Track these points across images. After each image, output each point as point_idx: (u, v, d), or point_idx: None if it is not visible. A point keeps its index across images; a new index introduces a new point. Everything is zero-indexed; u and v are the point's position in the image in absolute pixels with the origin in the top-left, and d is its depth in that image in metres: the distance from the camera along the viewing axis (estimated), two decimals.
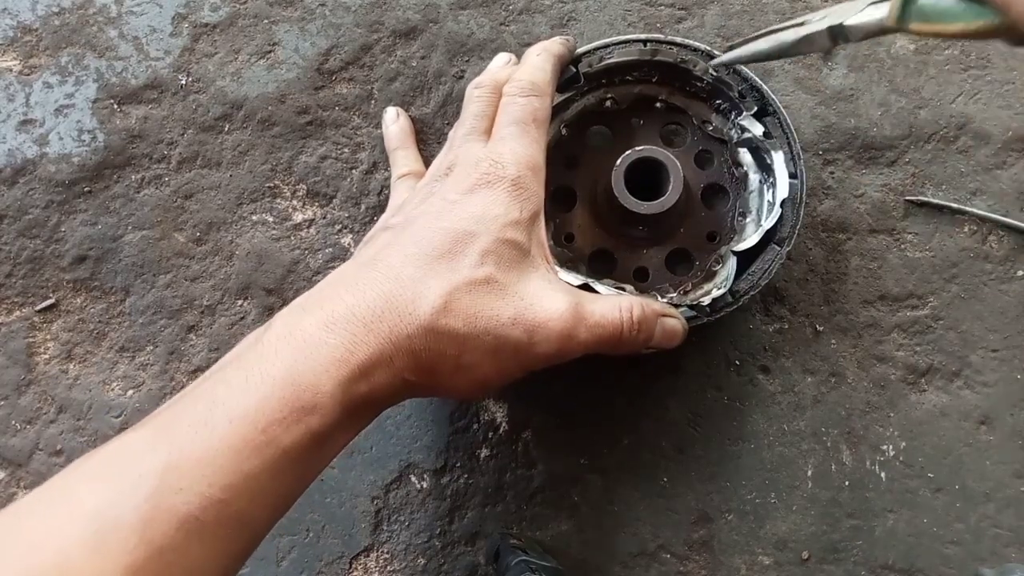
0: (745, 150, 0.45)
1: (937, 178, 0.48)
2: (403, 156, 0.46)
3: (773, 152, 0.42)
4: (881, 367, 0.46)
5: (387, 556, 0.46)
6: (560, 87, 0.43)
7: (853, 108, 0.48)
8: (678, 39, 0.43)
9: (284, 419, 0.29)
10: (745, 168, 0.45)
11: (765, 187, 0.44)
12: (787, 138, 0.42)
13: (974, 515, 0.45)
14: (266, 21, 0.50)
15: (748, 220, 0.44)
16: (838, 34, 0.35)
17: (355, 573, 0.46)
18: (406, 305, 0.32)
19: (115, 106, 0.50)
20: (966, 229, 0.47)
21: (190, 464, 0.27)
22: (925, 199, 0.47)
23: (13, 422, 0.47)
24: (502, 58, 0.45)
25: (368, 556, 0.46)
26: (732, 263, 0.41)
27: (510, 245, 0.35)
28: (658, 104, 0.45)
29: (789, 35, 0.37)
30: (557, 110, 0.44)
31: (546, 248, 0.38)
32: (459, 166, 0.37)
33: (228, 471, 0.28)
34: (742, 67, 0.42)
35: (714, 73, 0.43)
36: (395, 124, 0.48)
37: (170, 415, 0.30)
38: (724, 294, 0.41)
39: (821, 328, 0.47)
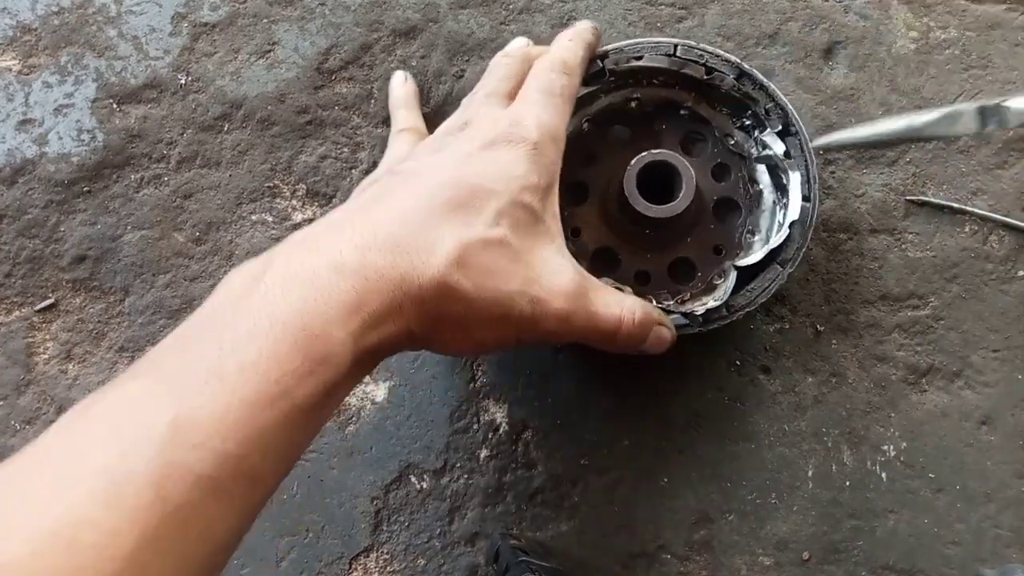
0: (763, 168, 0.44)
1: (938, 178, 0.48)
2: (404, 114, 0.45)
3: (790, 172, 0.42)
4: (882, 367, 0.46)
5: (387, 556, 0.46)
6: (585, 80, 0.43)
7: (854, 108, 0.48)
8: (708, 48, 0.42)
9: (296, 370, 0.27)
10: (761, 186, 0.44)
11: (778, 208, 0.43)
12: (805, 160, 0.42)
13: (975, 515, 0.45)
14: (265, 20, 0.50)
15: (756, 238, 0.44)
16: (991, 115, 0.32)
17: (355, 573, 0.46)
18: (419, 252, 0.30)
19: (114, 106, 0.50)
20: (967, 229, 0.47)
21: (202, 418, 0.26)
22: (926, 199, 0.47)
23: (12, 422, 0.47)
24: (521, 40, 0.43)
25: (368, 556, 0.46)
26: (732, 277, 0.41)
27: (525, 209, 0.34)
28: (682, 112, 0.45)
29: (937, 128, 0.34)
30: (581, 104, 0.44)
31: (559, 221, 0.36)
32: (476, 122, 0.36)
33: (242, 425, 0.26)
34: (769, 84, 0.42)
35: (740, 87, 0.42)
36: (402, 88, 0.46)
37: (173, 363, 0.28)
38: (719, 306, 0.41)
39: (822, 328, 0.47)
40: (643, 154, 0.42)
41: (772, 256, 0.41)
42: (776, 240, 0.41)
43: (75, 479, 0.24)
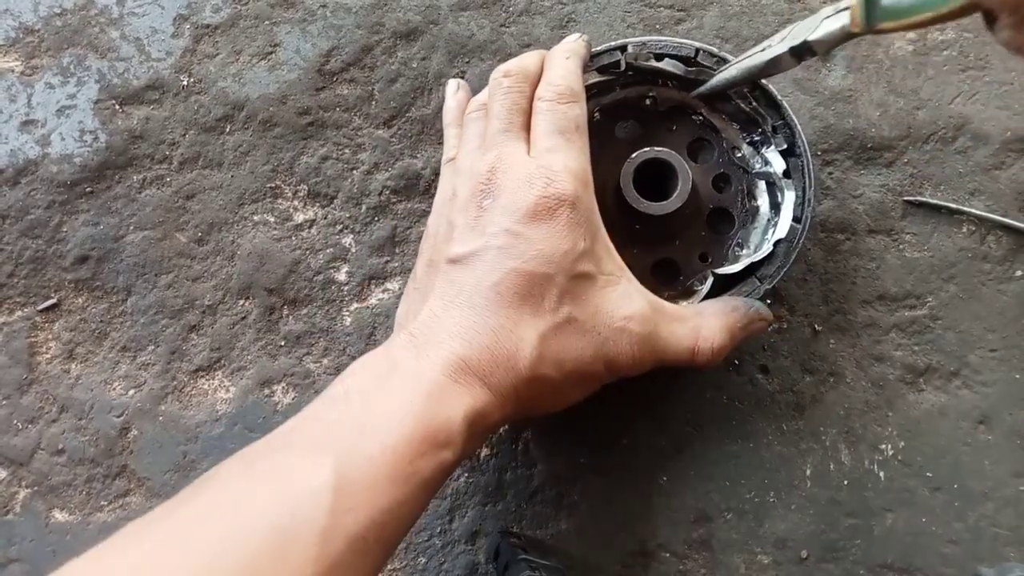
0: (763, 185, 0.44)
1: (935, 178, 0.48)
2: (453, 136, 0.43)
3: (786, 191, 0.42)
4: (879, 367, 0.46)
5: None
6: (600, 68, 0.43)
7: (851, 109, 0.48)
8: (729, 57, 0.42)
9: (425, 454, 0.32)
10: (758, 203, 0.45)
11: (771, 226, 0.43)
12: (804, 183, 0.42)
13: (973, 514, 0.45)
14: (267, 22, 0.50)
15: (743, 253, 0.44)
16: (803, 51, 0.36)
17: None
18: (508, 359, 0.34)
19: (117, 107, 0.50)
20: (964, 229, 0.47)
21: (356, 488, 0.30)
22: (923, 199, 0.47)
23: (15, 421, 0.47)
24: (517, 62, 0.42)
25: None
26: (708, 283, 0.41)
27: (582, 278, 0.36)
28: (695, 117, 0.45)
29: (755, 60, 0.39)
30: (595, 93, 0.44)
31: (615, 254, 0.38)
32: (504, 176, 0.36)
33: (384, 497, 0.30)
34: (783, 102, 0.42)
35: (752, 102, 0.43)
36: (453, 98, 0.44)
37: (319, 438, 0.32)
38: None
39: (820, 328, 0.47)
40: (645, 149, 0.42)
41: (752, 269, 0.41)
42: (758, 255, 0.41)
43: (250, 530, 0.28)
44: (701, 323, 0.39)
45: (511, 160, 0.37)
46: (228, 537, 0.28)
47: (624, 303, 0.37)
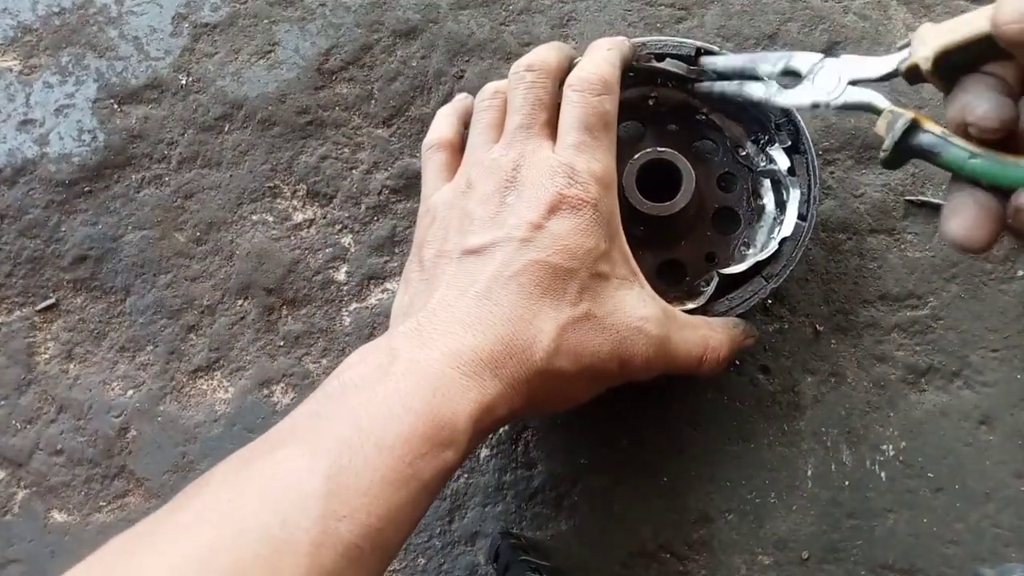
0: (768, 183, 0.44)
1: (937, 178, 0.48)
2: (445, 117, 0.42)
3: (791, 189, 0.42)
4: (881, 367, 0.46)
5: None
6: None
7: None
8: (730, 56, 0.42)
9: (426, 454, 0.30)
10: (763, 202, 0.44)
11: (776, 224, 0.43)
12: (809, 180, 0.42)
13: (974, 515, 0.45)
14: (266, 21, 0.50)
15: (750, 252, 0.44)
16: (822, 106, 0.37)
17: None
18: (523, 351, 0.34)
19: (115, 106, 0.50)
20: None
21: (350, 492, 0.29)
22: (925, 199, 0.47)
23: (13, 422, 0.47)
24: (544, 52, 0.40)
25: None
26: (714, 283, 0.41)
27: (601, 278, 0.36)
28: (698, 116, 0.45)
29: (776, 98, 0.38)
30: None
31: (631, 259, 0.38)
32: (529, 171, 0.36)
33: (382, 502, 0.29)
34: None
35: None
36: (460, 102, 0.43)
37: (312, 436, 0.31)
38: (695, 309, 0.41)
39: (821, 328, 0.47)
40: (647, 150, 0.42)
41: (758, 268, 0.41)
42: (764, 254, 0.41)
43: (240, 539, 0.27)
44: (710, 332, 0.39)
45: (535, 157, 0.37)
46: (217, 547, 0.27)
47: (640, 305, 0.37)
